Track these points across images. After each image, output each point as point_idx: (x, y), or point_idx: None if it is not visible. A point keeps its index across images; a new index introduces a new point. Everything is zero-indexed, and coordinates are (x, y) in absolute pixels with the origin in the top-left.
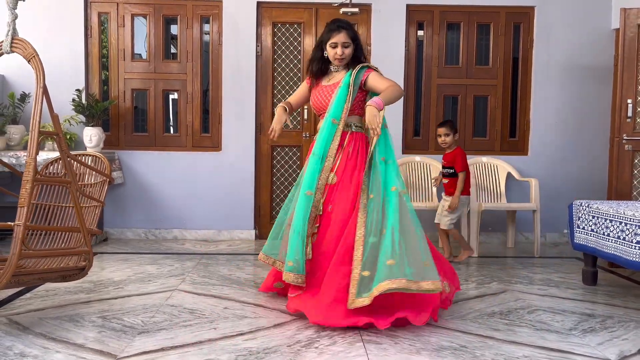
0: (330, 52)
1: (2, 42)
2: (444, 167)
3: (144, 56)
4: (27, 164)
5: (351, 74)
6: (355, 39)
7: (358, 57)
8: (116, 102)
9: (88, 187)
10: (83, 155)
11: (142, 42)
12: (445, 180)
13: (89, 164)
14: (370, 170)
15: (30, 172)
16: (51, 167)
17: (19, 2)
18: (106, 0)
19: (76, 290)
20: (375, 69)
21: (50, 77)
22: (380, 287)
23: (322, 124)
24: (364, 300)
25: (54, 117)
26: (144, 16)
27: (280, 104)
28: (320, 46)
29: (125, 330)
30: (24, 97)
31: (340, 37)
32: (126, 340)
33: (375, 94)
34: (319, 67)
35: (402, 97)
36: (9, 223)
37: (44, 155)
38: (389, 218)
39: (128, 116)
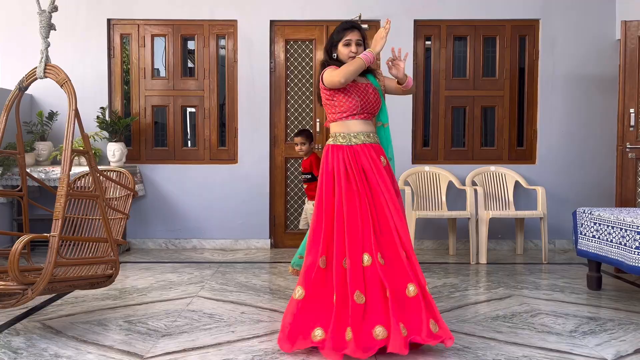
0: (343, 51)
1: (36, 68)
2: (302, 173)
3: (163, 73)
4: (60, 180)
5: (375, 76)
6: (365, 39)
7: None
8: (137, 119)
9: (114, 200)
10: (109, 170)
11: (161, 60)
12: (304, 185)
13: (114, 178)
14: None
15: (64, 187)
16: (78, 182)
17: (51, 30)
18: (128, 22)
19: (103, 297)
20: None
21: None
22: None
23: (380, 130)
24: None
25: (85, 137)
26: (163, 36)
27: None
28: (329, 49)
29: (149, 333)
30: (52, 115)
31: (354, 35)
32: (151, 342)
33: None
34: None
35: (412, 109)
36: (45, 234)
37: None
38: None
39: (149, 131)
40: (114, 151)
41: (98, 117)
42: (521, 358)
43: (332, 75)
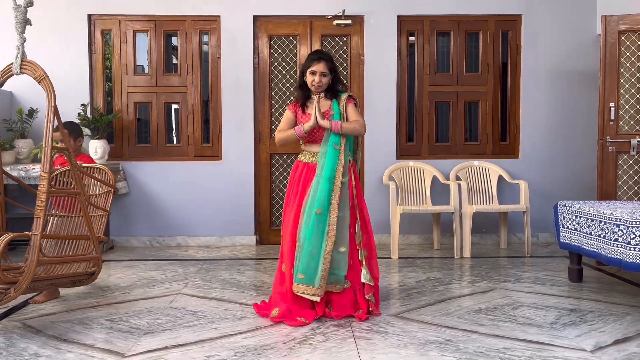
0: (308, 79)
1: (12, 64)
2: None
3: (146, 69)
4: (41, 178)
5: (339, 102)
6: (333, 70)
7: (336, 87)
8: (120, 115)
9: (94, 197)
10: (89, 167)
11: (144, 56)
12: None
13: (95, 175)
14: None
15: (45, 185)
16: (60, 178)
17: (27, 26)
18: (109, 17)
19: (85, 295)
20: (355, 101)
21: (56, 93)
22: None
23: (322, 150)
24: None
25: (64, 134)
26: (146, 32)
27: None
28: (302, 74)
29: (131, 331)
30: (32, 112)
31: (319, 67)
32: (133, 340)
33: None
34: (303, 94)
35: (396, 105)
36: (26, 233)
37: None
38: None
39: (131, 128)
40: (96, 148)
41: (79, 114)
42: (502, 350)
43: (278, 128)
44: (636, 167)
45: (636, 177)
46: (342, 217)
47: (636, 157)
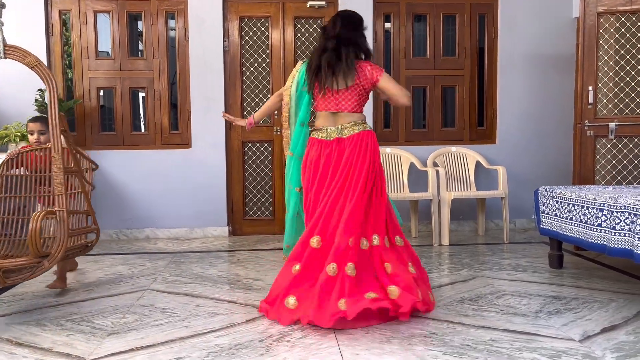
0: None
1: None
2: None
3: (110, 54)
4: (54, 159)
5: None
6: None
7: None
8: (81, 102)
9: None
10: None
11: (107, 38)
12: None
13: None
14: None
15: (60, 165)
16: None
17: (2, 9)
18: None
19: (44, 294)
20: None
21: (11, 78)
22: None
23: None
24: None
25: (62, 117)
26: (107, 12)
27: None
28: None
29: (94, 332)
30: None
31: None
32: (95, 343)
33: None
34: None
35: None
36: (53, 209)
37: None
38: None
39: (94, 115)
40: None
41: (37, 100)
42: (489, 342)
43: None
44: (614, 151)
45: (614, 162)
46: None
47: (614, 141)
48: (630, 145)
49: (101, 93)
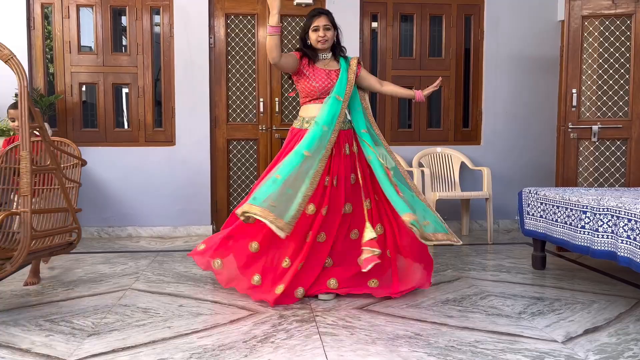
0: (312, 37)
1: None
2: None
3: (93, 49)
4: (22, 157)
5: (348, 64)
6: (334, 23)
7: (339, 42)
8: (63, 97)
9: (66, 169)
10: (55, 141)
11: (90, 33)
12: None
13: (62, 148)
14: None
15: (28, 164)
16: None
17: None
18: None
19: (23, 293)
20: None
21: None
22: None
23: (326, 100)
24: None
25: (37, 113)
26: (90, 7)
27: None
28: (303, 37)
29: (74, 333)
30: None
31: (321, 21)
32: (75, 343)
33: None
34: (310, 52)
35: None
36: (16, 210)
37: None
38: None
39: (76, 111)
40: (37, 132)
41: (17, 94)
42: (473, 343)
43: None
44: (597, 154)
45: (597, 164)
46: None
47: (597, 143)
48: (613, 148)
49: (83, 88)
